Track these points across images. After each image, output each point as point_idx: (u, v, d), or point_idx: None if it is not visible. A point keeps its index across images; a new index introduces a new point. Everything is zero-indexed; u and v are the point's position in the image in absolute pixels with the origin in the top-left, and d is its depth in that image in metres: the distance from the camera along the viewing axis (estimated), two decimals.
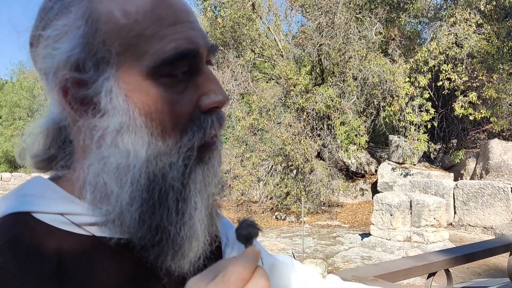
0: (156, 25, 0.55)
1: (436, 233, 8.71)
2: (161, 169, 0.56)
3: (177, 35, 0.56)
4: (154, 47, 0.55)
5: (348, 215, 13.49)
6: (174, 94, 0.56)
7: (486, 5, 13.28)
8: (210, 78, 0.59)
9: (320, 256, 8.54)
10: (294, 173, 13.50)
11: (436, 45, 13.24)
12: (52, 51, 0.56)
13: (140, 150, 0.55)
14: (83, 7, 0.56)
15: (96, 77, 0.55)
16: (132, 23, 0.55)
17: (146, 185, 0.55)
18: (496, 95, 13.01)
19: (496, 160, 12.32)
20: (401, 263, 1.82)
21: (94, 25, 0.55)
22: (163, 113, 0.56)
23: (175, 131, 0.56)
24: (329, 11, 13.61)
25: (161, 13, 0.56)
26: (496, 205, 10.55)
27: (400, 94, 12.92)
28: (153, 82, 0.55)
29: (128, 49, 0.55)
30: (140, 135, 0.55)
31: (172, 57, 0.55)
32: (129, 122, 0.55)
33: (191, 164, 0.58)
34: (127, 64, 0.55)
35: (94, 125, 0.56)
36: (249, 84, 14.72)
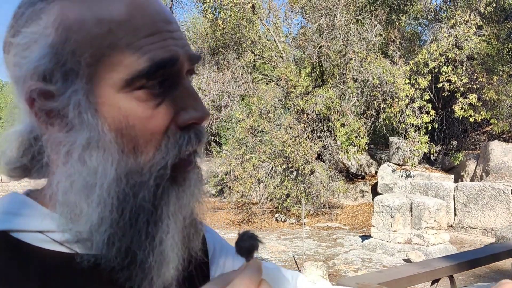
0: (131, 35, 0.52)
1: (436, 235, 8.70)
2: (132, 188, 0.52)
3: (153, 46, 0.53)
4: (128, 59, 0.52)
5: (348, 217, 13.48)
6: (148, 108, 0.53)
7: (486, 7, 13.28)
8: (189, 92, 0.56)
9: (320, 258, 8.53)
10: (294, 175, 13.49)
11: (436, 47, 13.23)
12: (21, 60, 0.54)
13: (108, 168, 0.52)
14: (54, 14, 0.53)
15: (64, 89, 0.52)
16: (105, 32, 0.52)
17: (116, 205, 0.52)
18: (496, 96, 13.00)
19: (496, 162, 12.31)
20: (405, 270, 1.81)
21: (64, 33, 0.52)
22: (135, 129, 0.53)
23: (148, 148, 0.53)
24: (329, 13, 13.60)
25: (137, 22, 0.53)
26: (496, 207, 10.53)
27: (400, 96, 12.91)
28: (126, 96, 0.52)
29: (100, 60, 0.52)
30: (110, 152, 0.52)
31: (146, 69, 0.52)
32: (97, 138, 0.52)
33: (164, 184, 0.54)
34: (98, 76, 0.52)
35: (61, 139, 0.53)
36: (249, 85, 14.70)
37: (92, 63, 0.52)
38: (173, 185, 0.55)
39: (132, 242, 0.53)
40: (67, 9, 0.53)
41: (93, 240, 0.53)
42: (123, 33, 0.52)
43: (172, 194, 0.55)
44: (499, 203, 10.49)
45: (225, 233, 11.33)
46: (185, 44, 0.57)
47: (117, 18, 0.52)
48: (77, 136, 0.52)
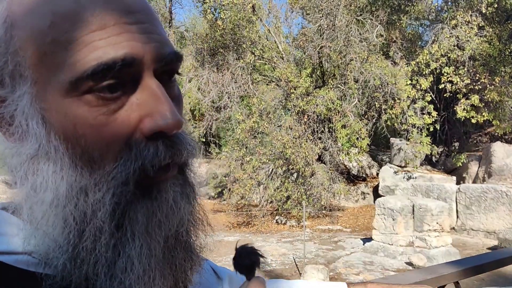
0: (77, 29, 0.44)
1: (439, 238, 8.60)
2: (90, 207, 0.45)
3: (103, 41, 0.44)
4: (73, 57, 0.44)
5: (349, 219, 13.39)
6: (101, 114, 0.45)
7: (487, 8, 13.21)
8: (155, 95, 0.47)
9: (321, 261, 8.43)
10: (294, 177, 13.41)
11: (437, 48, 13.17)
12: None
13: (59, 183, 0.45)
14: (1, 9, 0.47)
15: (12, 93, 0.46)
16: (48, 26, 0.44)
17: (73, 226, 0.44)
18: (499, 98, 12.93)
19: (499, 163, 12.22)
20: (410, 277, 1.73)
21: (9, 30, 0.46)
22: (87, 139, 0.45)
23: (105, 161, 0.46)
24: (330, 13, 13.54)
25: (86, 14, 0.45)
26: (499, 209, 10.45)
27: (401, 97, 12.84)
28: (74, 100, 0.45)
29: (43, 60, 0.44)
30: (59, 164, 0.45)
31: (92, 69, 0.44)
32: (45, 149, 0.45)
33: (127, 201, 0.46)
34: (44, 78, 0.45)
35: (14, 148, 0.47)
36: (249, 86, 14.64)
37: (35, 63, 0.45)
38: (142, 201, 0.47)
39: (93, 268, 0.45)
40: (15, 3, 0.47)
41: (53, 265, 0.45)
42: (67, 27, 0.44)
43: (141, 212, 0.47)
44: (501, 205, 10.41)
45: (225, 235, 11.23)
46: (151, 40, 0.48)
47: (61, 9, 0.45)
48: (26, 146, 0.46)
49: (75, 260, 0.45)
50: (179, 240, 0.52)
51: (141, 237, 0.47)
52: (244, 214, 13.54)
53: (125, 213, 0.46)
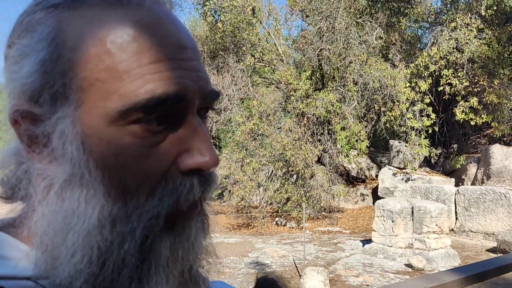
0: (132, 60, 0.44)
1: (438, 240, 8.64)
2: (116, 237, 0.44)
3: (158, 75, 0.45)
4: (126, 87, 0.44)
5: (349, 220, 13.43)
6: (144, 146, 0.45)
7: (487, 10, 13.26)
8: (197, 132, 0.47)
9: (321, 263, 8.46)
10: (294, 179, 13.44)
11: (436, 50, 13.21)
12: (12, 74, 0.47)
13: (90, 211, 0.44)
14: (50, 26, 0.46)
15: (51, 113, 0.45)
16: (103, 53, 0.44)
17: (96, 256, 0.44)
18: (497, 100, 12.97)
19: (497, 165, 12.27)
20: (412, 285, 1.76)
21: (57, 50, 0.45)
22: (126, 169, 0.44)
23: (140, 193, 0.45)
24: (329, 15, 13.58)
25: (142, 46, 0.45)
26: (497, 211, 10.49)
27: (400, 99, 12.88)
28: (119, 130, 0.44)
29: (94, 85, 0.44)
30: (93, 192, 0.44)
31: (145, 101, 0.44)
32: (80, 175, 0.44)
33: (154, 235, 0.46)
34: (90, 103, 0.44)
35: (41, 171, 0.46)
36: (249, 89, 14.67)
37: (84, 87, 0.44)
38: (167, 235, 0.47)
39: None
40: (65, 22, 0.46)
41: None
42: (123, 57, 0.44)
43: (165, 246, 0.47)
44: (500, 207, 10.45)
45: (225, 237, 11.28)
46: (200, 78, 0.49)
47: (119, 38, 0.45)
48: (58, 170, 0.45)
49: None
50: (192, 274, 0.52)
51: (162, 272, 0.46)
52: (244, 216, 13.57)
53: (151, 246, 0.46)
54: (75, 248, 0.44)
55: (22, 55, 0.46)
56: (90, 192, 0.44)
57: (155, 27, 0.47)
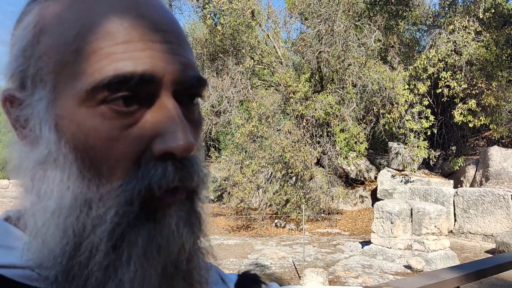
0: (101, 41, 0.45)
1: (437, 241, 8.68)
2: (90, 221, 0.44)
3: (125, 55, 0.45)
4: (93, 67, 0.44)
5: (348, 222, 13.45)
6: (114, 128, 0.44)
7: (484, 13, 13.35)
8: (170, 115, 0.46)
9: (320, 264, 8.49)
10: (293, 180, 13.47)
11: (435, 53, 13.28)
12: (8, 59, 0.50)
13: (65, 193, 0.44)
14: (33, 14, 0.48)
15: (30, 97, 0.47)
16: (74, 35, 0.45)
17: (71, 239, 0.43)
18: (495, 102, 13.03)
19: (496, 167, 12.32)
20: (412, 282, 1.79)
21: (37, 35, 0.47)
22: (97, 151, 0.44)
23: (113, 176, 0.45)
24: (328, 18, 13.64)
25: (113, 26, 0.45)
26: (496, 212, 10.52)
27: (399, 101, 12.94)
28: (89, 111, 0.44)
29: (65, 67, 0.45)
30: (67, 174, 0.44)
31: (109, 78, 0.44)
32: (54, 156, 0.45)
33: (129, 222, 0.44)
34: (62, 85, 0.45)
35: (24, 154, 0.48)
36: (248, 91, 14.71)
37: (57, 70, 0.45)
38: (143, 223, 0.45)
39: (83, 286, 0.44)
40: (46, 9, 0.48)
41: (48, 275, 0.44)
42: (92, 38, 0.45)
43: (142, 234, 0.45)
44: (499, 209, 10.49)
45: (224, 239, 11.30)
46: (176, 61, 0.48)
47: (89, 20, 0.45)
48: (34, 151, 0.46)
49: (67, 274, 0.43)
50: (179, 269, 0.49)
51: (137, 262, 0.45)
52: (243, 218, 13.59)
53: (125, 234, 0.44)
54: (53, 231, 0.44)
55: (14, 43, 0.49)
56: (64, 173, 0.45)
57: (128, 10, 0.47)
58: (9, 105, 0.49)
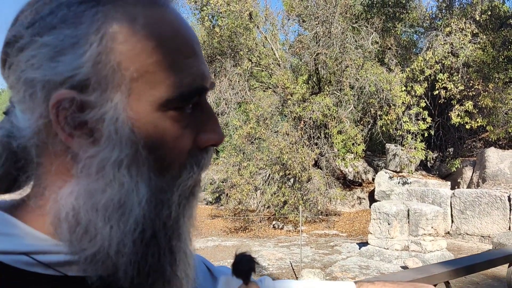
0: (174, 55, 0.52)
1: (434, 242, 8.70)
2: (156, 206, 0.51)
3: (193, 69, 0.53)
4: (171, 79, 0.51)
5: (345, 224, 13.48)
6: (179, 128, 0.53)
7: (481, 15, 13.42)
8: (211, 115, 0.57)
9: (318, 265, 8.51)
10: (291, 182, 13.50)
11: (432, 55, 13.33)
12: (49, 62, 0.49)
13: (140, 187, 0.50)
14: (98, 21, 0.49)
15: (103, 101, 0.49)
16: (152, 48, 0.50)
17: (141, 224, 0.50)
18: (492, 104, 13.09)
19: (493, 168, 12.35)
20: (401, 276, 1.81)
21: (110, 43, 0.49)
22: (166, 148, 0.52)
23: (174, 167, 0.53)
24: (325, 20, 13.69)
25: (180, 42, 0.53)
26: (493, 213, 10.55)
27: (396, 103, 12.98)
28: (162, 115, 0.51)
29: (143, 76, 0.50)
30: (142, 170, 0.51)
31: (187, 92, 0.52)
32: (133, 155, 0.50)
33: (185, 200, 0.55)
34: (139, 92, 0.50)
35: (91, 154, 0.50)
36: (246, 93, 14.75)
37: (135, 77, 0.50)
38: (191, 198, 0.56)
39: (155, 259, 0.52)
40: (113, 18, 0.50)
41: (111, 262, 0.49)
42: (168, 52, 0.51)
43: (189, 207, 0.56)
44: (495, 210, 10.51)
45: (222, 240, 11.31)
46: (208, 69, 0.58)
47: (164, 35, 0.52)
48: (112, 152, 0.50)
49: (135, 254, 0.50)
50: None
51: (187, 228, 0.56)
52: (241, 219, 13.60)
53: (183, 209, 0.55)
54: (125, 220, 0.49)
55: (66, 45, 0.49)
56: (140, 169, 0.51)
57: (183, 26, 0.55)
58: (72, 109, 0.49)
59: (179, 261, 0.54)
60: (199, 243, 10.60)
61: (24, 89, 0.51)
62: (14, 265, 0.48)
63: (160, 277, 0.53)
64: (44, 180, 0.53)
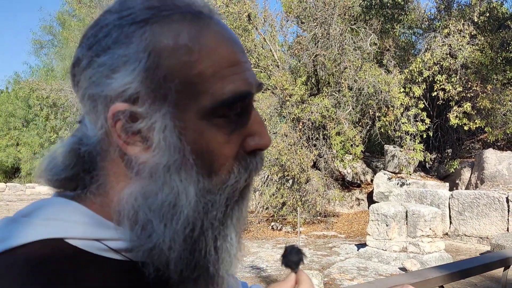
0: (217, 65, 0.55)
1: (432, 244, 8.71)
2: (204, 207, 0.56)
3: (236, 76, 0.56)
4: (213, 88, 0.54)
5: (344, 225, 13.48)
6: (225, 134, 0.56)
7: (479, 17, 13.44)
8: (257, 120, 0.59)
9: (316, 267, 8.51)
10: (290, 183, 13.50)
11: (430, 56, 13.35)
12: (106, 79, 0.55)
13: (189, 189, 0.54)
14: (146, 40, 0.54)
15: (152, 112, 0.54)
16: (194, 60, 0.54)
17: (190, 223, 0.55)
18: (490, 105, 13.10)
19: (491, 170, 12.37)
20: (395, 280, 1.82)
21: (156, 59, 0.54)
22: (213, 153, 0.56)
23: (222, 171, 0.56)
24: (324, 22, 13.71)
25: (222, 52, 0.56)
26: (491, 215, 10.56)
27: (395, 104, 12.99)
28: (207, 122, 0.55)
29: (188, 87, 0.54)
30: (190, 174, 0.54)
31: (230, 99, 0.55)
32: (181, 160, 0.54)
33: (232, 203, 0.58)
34: (184, 102, 0.54)
35: (144, 159, 0.55)
36: None
37: (180, 89, 0.54)
38: (239, 201, 0.60)
39: (201, 256, 0.56)
40: (159, 36, 0.54)
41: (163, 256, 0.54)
42: (210, 62, 0.55)
43: (236, 210, 0.59)
44: (494, 211, 10.52)
45: None
46: (255, 74, 0.61)
47: (205, 47, 0.55)
48: (161, 157, 0.54)
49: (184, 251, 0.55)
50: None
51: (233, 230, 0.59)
52: None
53: (230, 211, 0.58)
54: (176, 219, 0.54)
55: (119, 63, 0.54)
56: (188, 174, 0.54)
57: (228, 36, 0.58)
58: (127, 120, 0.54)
59: (222, 260, 0.58)
60: None
61: (89, 103, 0.57)
62: (89, 250, 0.55)
63: (204, 273, 0.57)
64: (107, 181, 0.59)
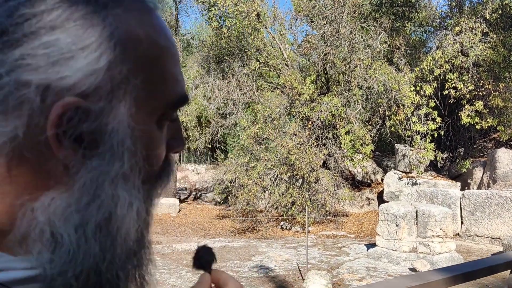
0: (171, 63, 0.51)
1: (442, 244, 8.61)
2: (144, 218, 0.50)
3: (180, 77, 0.53)
4: (168, 88, 0.51)
5: (354, 225, 13.41)
6: (164, 137, 0.53)
7: (491, 14, 13.26)
8: (179, 125, 0.57)
9: (325, 267, 8.47)
10: (299, 183, 13.46)
11: (441, 54, 13.21)
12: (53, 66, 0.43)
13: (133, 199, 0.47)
14: (111, 26, 0.45)
15: (108, 111, 0.45)
16: (157, 57, 0.49)
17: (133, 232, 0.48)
18: (503, 103, 12.94)
19: (504, 169, 12.21)
20: (397, 283, 1.79)
21: (121, 51, 0.46)
22: (156, 157, 0.52)
23: (154, 174, 0.53)
24: (334, 20, 13.64)
25: (172, 51, 0.52)
26: (503, 215, 10.43)
27: (405, 103, 12.89)
28: (154, 124, 0.51)
29: (147, 86, 0.48)
30: (138, 180, 0.48)
31: (180, 100, 0.52)
32: (130, 166, 0.47)
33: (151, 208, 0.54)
34: (141, 101, 0.48)
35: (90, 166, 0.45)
36: (254, 93, 14.76)
37: (141, 87, 0.48)
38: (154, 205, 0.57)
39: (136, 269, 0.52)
40: (121, 23, 0.47)
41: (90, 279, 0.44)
42: (166, 60, 0.51)
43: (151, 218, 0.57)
44: (506, 211, 10.39)
45: (229, 241, 11.31)
46: None
47: (163, 43, 0.50)
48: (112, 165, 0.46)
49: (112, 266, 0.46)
50: None
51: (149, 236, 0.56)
52: (249, 220, 13.61)
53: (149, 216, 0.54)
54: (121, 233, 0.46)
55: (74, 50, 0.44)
56: (137, 180, 0.48)
57: (168, 30, 0.53)
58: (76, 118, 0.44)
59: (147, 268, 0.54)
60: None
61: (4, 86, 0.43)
62: None
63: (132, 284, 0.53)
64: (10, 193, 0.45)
